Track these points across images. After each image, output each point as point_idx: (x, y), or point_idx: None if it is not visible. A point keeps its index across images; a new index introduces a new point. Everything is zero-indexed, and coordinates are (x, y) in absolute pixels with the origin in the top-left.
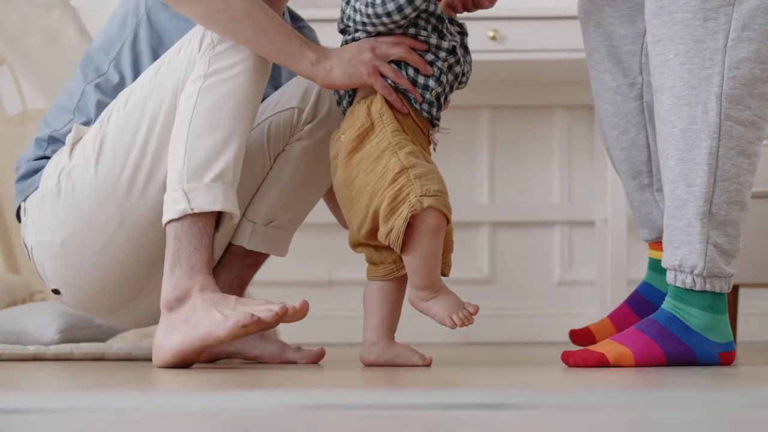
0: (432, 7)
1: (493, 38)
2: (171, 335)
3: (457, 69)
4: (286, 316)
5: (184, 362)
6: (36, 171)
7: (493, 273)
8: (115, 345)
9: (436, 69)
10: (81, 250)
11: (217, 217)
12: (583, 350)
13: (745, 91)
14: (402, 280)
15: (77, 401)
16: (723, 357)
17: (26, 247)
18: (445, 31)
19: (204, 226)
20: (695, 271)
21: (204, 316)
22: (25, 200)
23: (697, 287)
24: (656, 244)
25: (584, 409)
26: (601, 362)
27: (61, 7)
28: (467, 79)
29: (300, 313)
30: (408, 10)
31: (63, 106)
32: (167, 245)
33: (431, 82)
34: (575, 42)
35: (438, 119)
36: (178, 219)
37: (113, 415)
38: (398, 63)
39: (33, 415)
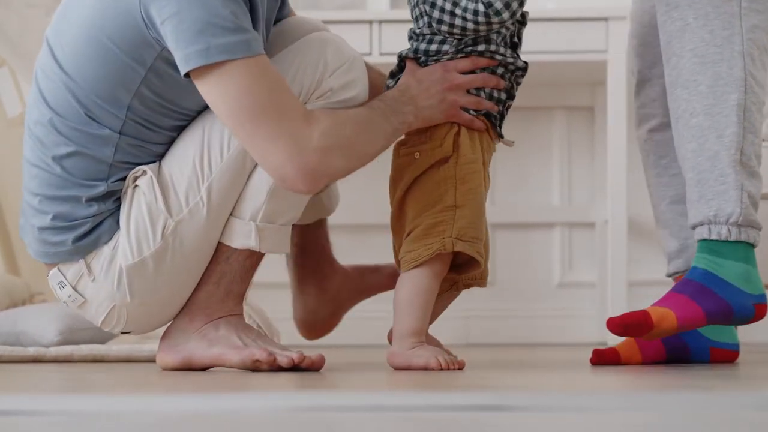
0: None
1: None
2: (184, 341)
3: (521, 80)
4: (301, 364)
5: (186, 369)
6: (97, 225)
7: (492, 275)
8: (115, 347)
9: (507, 82)
10: (180, 298)
11: None
12: (625, 314)
13: (759, 54)
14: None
15: (77, 403)
16: (757, 308)
17: (86, 301)
18: (517, 41)
19: (257, 260)
20: (731, 220)
21: (223, 337)
22: (84, 257)
23: (732, 237)
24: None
25: (584, 412)
26: (645, 319)
27: None
28: None
29: (315, 365)
30: (506, 14)
31: (93, 156)
32: (214, 258)
33: (503, 96)
34: (575, 43)
35: (501, 126)
36: (238, 248)
37: (113, 417)
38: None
39: (32, 417)
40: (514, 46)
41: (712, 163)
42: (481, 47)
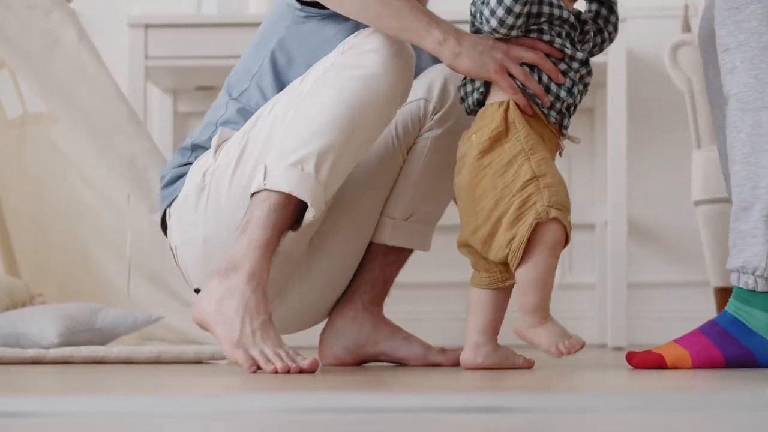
0: (565, 14)
1: None
2: (208, 304)
3: (588, 80)
4: (289, 373)
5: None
6: (179, 177)
7: None
8: (115, 348)
9: (568, 80)
10: (222, 249)
11: (304, 210)
12: (644, 352)
13: None
14: (508, 289)
15: (77, 404)
16: None
17: (172, 251)
18: (576, 38)
19: (275, 205)
20: (757, 273)
21: (230, 320)
22: (170, 205)
23: (760, 288)
24: None
25: (585, 413)
26: (660, 364)
27: (60, 10)
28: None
29: (306, 371)
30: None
31: (208, 122)
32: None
33: (563, 93)
34: None
35: (567, 127)
36: (257, 192)
37: (113, 418)
38: (530, 67)
39: (32, 418)
40: (574, 45)
41: (746, 214)
42: (546, 37)
